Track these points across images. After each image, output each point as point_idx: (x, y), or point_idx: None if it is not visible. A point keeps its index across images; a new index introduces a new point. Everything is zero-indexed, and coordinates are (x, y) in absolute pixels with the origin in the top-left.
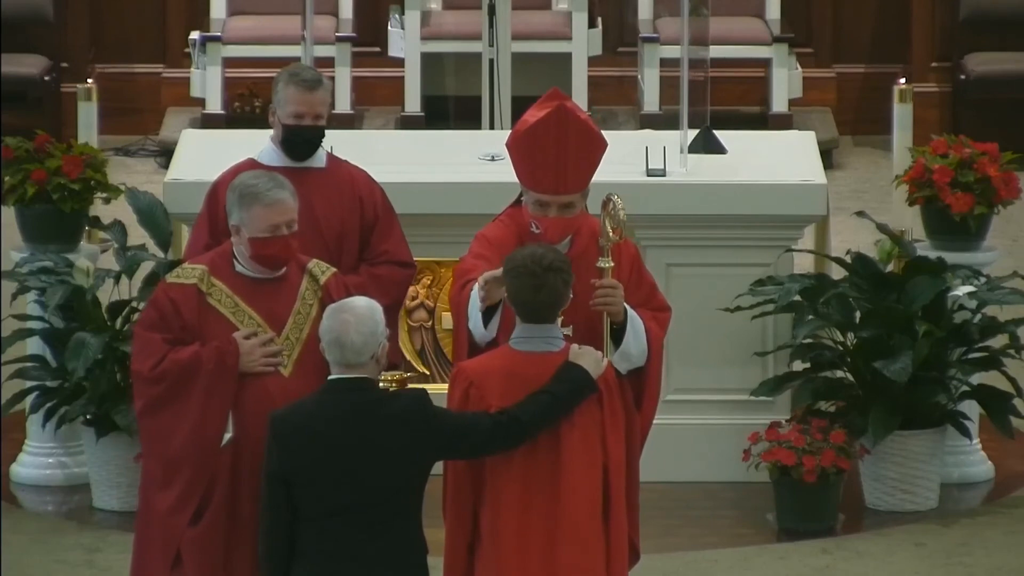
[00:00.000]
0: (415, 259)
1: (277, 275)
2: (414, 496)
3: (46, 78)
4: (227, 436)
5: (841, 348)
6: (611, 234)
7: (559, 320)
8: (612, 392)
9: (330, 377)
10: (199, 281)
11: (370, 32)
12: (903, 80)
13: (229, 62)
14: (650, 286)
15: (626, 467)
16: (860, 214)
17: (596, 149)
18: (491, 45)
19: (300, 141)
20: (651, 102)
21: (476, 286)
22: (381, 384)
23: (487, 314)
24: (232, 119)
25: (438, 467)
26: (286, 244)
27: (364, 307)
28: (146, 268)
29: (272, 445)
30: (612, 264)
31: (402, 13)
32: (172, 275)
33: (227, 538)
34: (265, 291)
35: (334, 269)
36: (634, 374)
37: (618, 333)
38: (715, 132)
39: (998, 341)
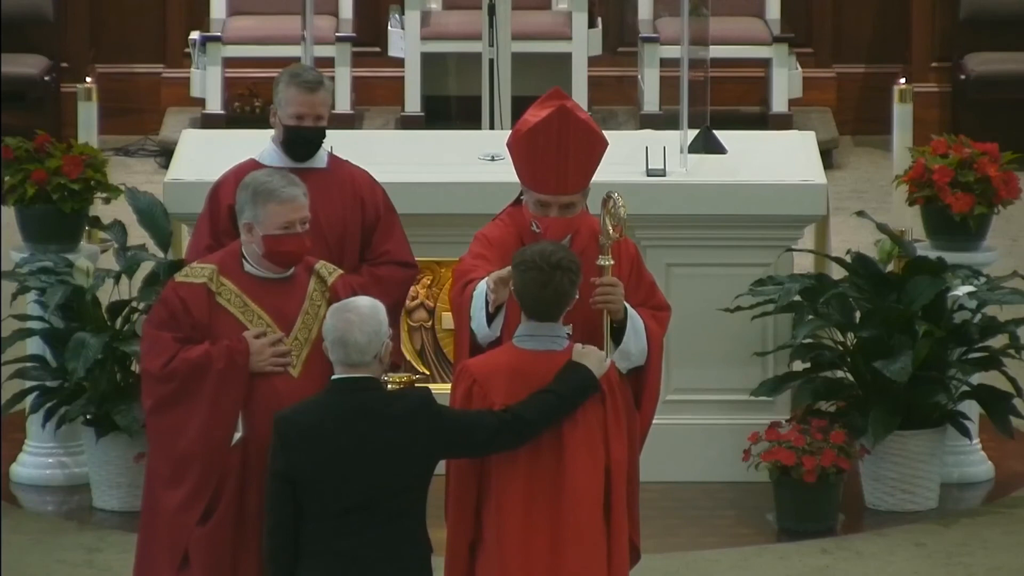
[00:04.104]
0: (415, 259)
1: (285, 275)
2: (418, 495)
3: (46, 78)
4: (236, 436)
5: (841, 348)
6: (611, 232)
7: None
8: (614, 391)
9: (333, 377)
10: (208, 280)
11: (370, 32)
12: (903, 80)
13: (229, 62)
14: (650, 285)
15: (627, 467)
16: (860, 214)
17: (597, 149)
18: (491, 45)
19: (301, 142)
20: (651, 102)
21: (481, 284)
22: (389, 386)
23: (492, 314)
24: (232, 119)
25: (440, 467)
26: (300, 241)
27: (368, 306)
28: (146, 268)
29: (276, 445)
30: (612, 262)
31: (402, 13)
32: (181, 274)
33: (235, 538)
34: (273, 291)
35: (340, 271)
36: (634, 373)
37: (618, 332)
38: (715, 132)
39: (998, 341)
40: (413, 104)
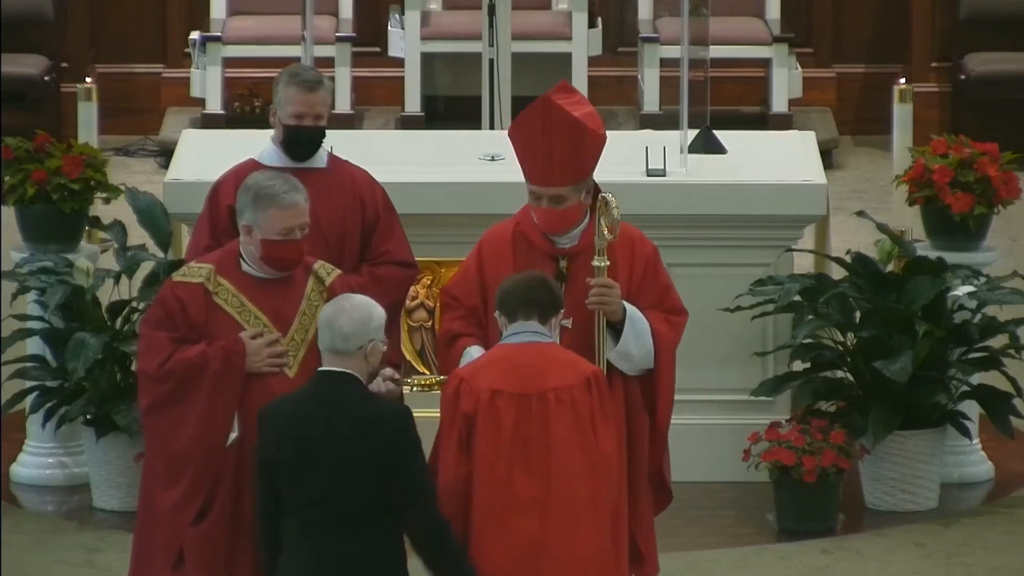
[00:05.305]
0: (415, 259)
1: (283, 275)
2: (389, 499)
3: (46, 78)
4: (232, 436)
5: (841, 348)
6: (606, 233)
7: (551, 322)
8: (601, 384)
9: (319, 368)
10: (206, 280)
11: (370, 32)
12: (903, 80)
13: (229, 62)
14: (664, 287)
15: (630, 465)
16: (860, 214)
17: (585, 143)
18: (491, 45)
19: (301, 142)
20: (651, 102)
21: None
22: (413, 388)
23: None
24: (232, 119)
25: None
26: (298, 247)
27: (363, 300)
28: (146, 268)
29: (258, 435)
30: (607, 263)
31: (402, 13)
32: (178, 274)
33: (230, 537)
34: (271, 291)
35: (339, 271)
36: (647, 375)
37: (619, 332)
38: (715, 132)
39: (998, 341)
40: (413, 104)
